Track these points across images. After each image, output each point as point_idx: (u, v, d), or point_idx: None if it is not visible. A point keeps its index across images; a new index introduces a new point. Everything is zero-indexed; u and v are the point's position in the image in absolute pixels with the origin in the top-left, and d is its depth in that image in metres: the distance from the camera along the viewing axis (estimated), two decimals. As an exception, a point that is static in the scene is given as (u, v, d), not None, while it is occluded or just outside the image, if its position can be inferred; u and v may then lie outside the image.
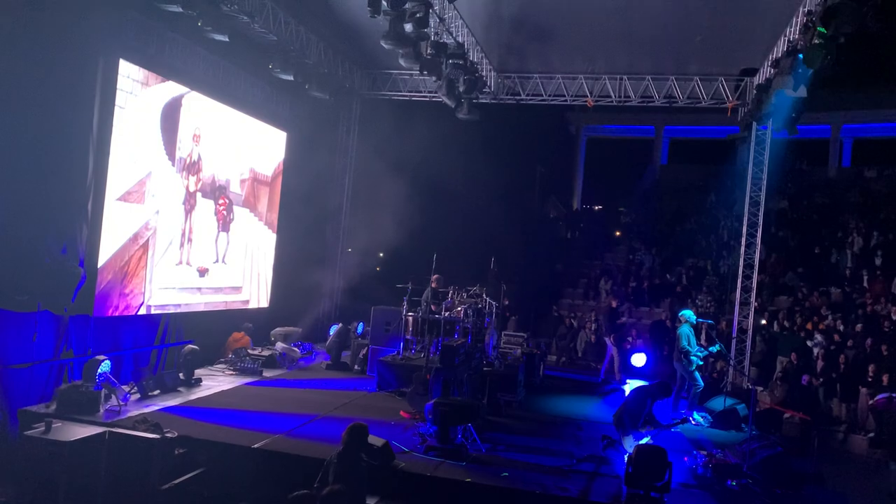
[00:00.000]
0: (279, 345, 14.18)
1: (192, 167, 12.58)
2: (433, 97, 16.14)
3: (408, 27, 11.31)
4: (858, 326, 15.77)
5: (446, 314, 12.55)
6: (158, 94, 11.54)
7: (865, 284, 18.60)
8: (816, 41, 9.88)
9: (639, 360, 16.05)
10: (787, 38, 11.95)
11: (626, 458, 8.29)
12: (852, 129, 28.33)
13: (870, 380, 13.18)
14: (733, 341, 15.20)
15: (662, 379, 11.22)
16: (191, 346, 11.87)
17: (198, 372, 11.84)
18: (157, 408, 9.78)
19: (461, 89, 14.48)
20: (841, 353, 14.39)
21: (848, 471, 10.77)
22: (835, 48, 9.85)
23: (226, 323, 13.87)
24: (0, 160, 8.80)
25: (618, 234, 26.81)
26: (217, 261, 13.58)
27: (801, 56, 10.58)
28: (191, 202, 12.61)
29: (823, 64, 10.13)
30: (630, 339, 17.81)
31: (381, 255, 21.22)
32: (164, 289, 11.99)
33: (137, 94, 10.96)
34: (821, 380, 13.80)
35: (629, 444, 8.99)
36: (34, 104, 9.15)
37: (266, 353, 13.68)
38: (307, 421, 9.90)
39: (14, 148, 8.93)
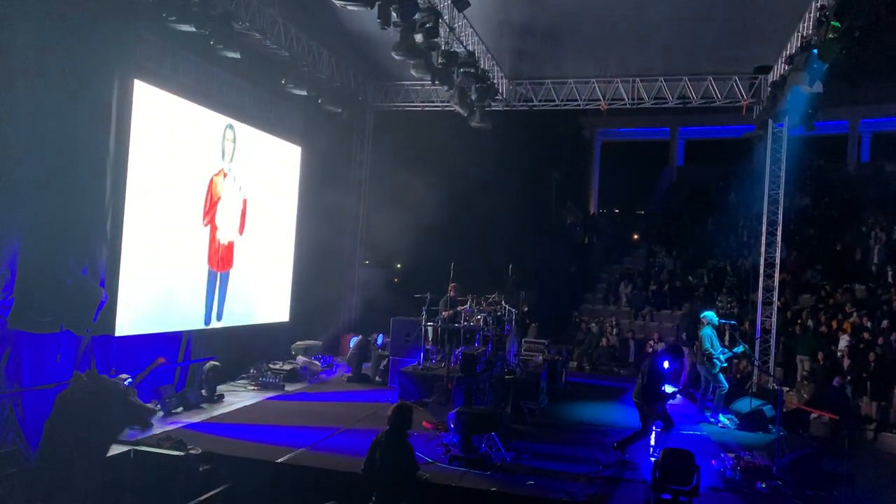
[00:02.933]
0: (300, 358, 14.23)
1: (209, 184, 12.65)
2: (446, 107, 16.16)
3: (418, 38, 11.34)
4: (885, 323, 15.54)
5: (466, 323, 12.52)
6: (174, 113, 11.62)
7: (890, 280, 18.33)
8: (831, 35, 9.79)
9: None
10: (800, 34, 11.86)
11: (652, 462, 8.20)
12: (870, 124, 28.01)
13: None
14: (757, 341, 15.03)
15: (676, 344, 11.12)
16: (212, 362, 11.92)
17: (220, 388, 11.89)
18: (180, 425, 9.83)
19: (473, 98, 14.48)
20: (870, 350, 14.17)
21: (880, 470, 10.57)
22: (850, 42, 9.75)
23: (246, 339, 13.91)
24: (20, 183, 8.89)
25: (636, 237, 26.65)
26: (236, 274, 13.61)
27: (815, 51, 10.48)
28: (209, 219, 12.67)
29: (838, 58, 10.03)
30: (652, 342, 17.67)
31: (399, 266, 21.25)
32: (185, 306, 12.03)
33: (153, 113, 11.05)
34: (848, 378, 13.59)
35: (658, 410, 9.35)
36: (51, 127, 9.23)
37: (287, 367, 13.71)
38: (330, 434, 9.89)
39: (33, 171, 9.01)
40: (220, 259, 13.05)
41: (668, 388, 9.59)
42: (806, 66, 11.06)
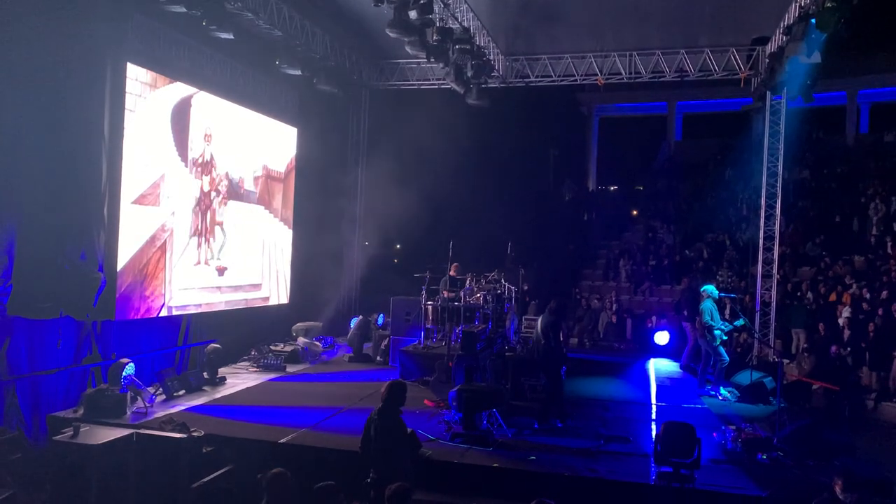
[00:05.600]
0: (301, 340, 14.25)
1: (204, 167, 12.60)
2: (442, 84, 16.05)
3: (412, 14, 11.24)
4: (884, 293, 15.55)
5: (466, 300, 12.51)
6: (167, 96, 11.56)
7: (889, 251, 18.33)
8: (829, 4, 9.71)
9: (662, 338, 15.94)
10: (798, 4, 11.73)
11: (653, 437, 8.24)
12: (869, 95, 27.84)
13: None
14: (756, 314, 15.04)
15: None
16: (214, 345, 11.94)
17: (221, 370, 11.92)
18: (182, 408, 9.84)
19: (469, 75, 14.39)
20: (869, 321, 14.20)
21: (881, 439, 10.62)
22: (848, 10, 9.66)
23: (247, 321, 13.93)
24: (15, 170, 8.85)
25: (635, 213, 26.60)
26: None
27: (813, 21, 10.39)
28: (206, 202, 12.64)
29: (837, 27, 9.95)
30: (653, 317, 17.71)
31: (398, 246, 21.22)
32: (183, 289, 12.04)
33: (147, 96, 10.98)
34: (848, 349, 13.64)
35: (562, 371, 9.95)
36: (45, 112, 9.19)
37: (288, 348, 13.73)
38: (332, 414, 9.92)
39: (28, 157, 8.98)
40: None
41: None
42: (804, 37, 10.96)
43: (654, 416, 10.78)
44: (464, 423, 8.89)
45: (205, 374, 11.42)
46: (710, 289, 12.47)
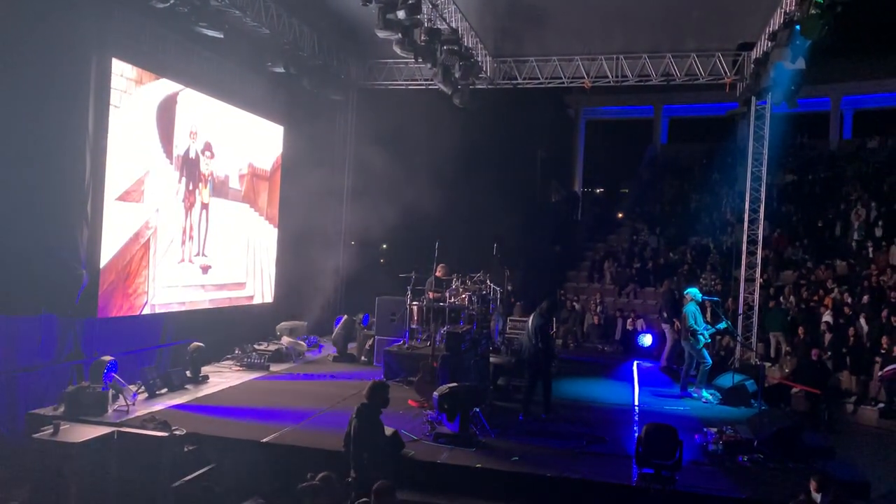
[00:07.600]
0: (285, 339, 14.20)
1: (189, 164, 12.53)
2: (430, 85, 16.04)
3: (400, 14, 11.23)
4: (865, 298, 15.70)
5: (451, 301, 12.52)
6: (153, 92, 11.48)
7: (871, 256, 18.52)
8: (813, 11, 9.81)
9: (645, 340, 16.03)
10: (783, 10, 11.85)
11: (636, 438, 8.28)
12: (852, 101, 28.15)
13: (882, 351, 13.12)
14: (739, 318, 15.15)
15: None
16: (196, 343, 11.84)
17: (204, 369, 11.83)
18: (164, 406, 9.77)
19: (457, 75, 14.40)
20: (850, 325, 14.33)
21: (859, 442, 10.74)
22: (832, 18, 9.77)
23: (231, 319, 13.86)
24: (-3, 165, 8.78)
25: (620, 215, 26.73)
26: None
27: (798, 27, 10.50)
28: (190, 199, 12.57)
29: (821, 34, 10.05)
30: (635, 320, 17.81)
31: (384, 246, 21.17)
32: (167, 287, 11.97)
33: (132, 92, 10.91)
34: (829, 353, 13.76)
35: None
36: (28, 107, 9.11)
37: (273, 347, 13.68)
38: (316, 413, 9.90)
39: (10, 152, 8.90)
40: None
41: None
42: (789, 43, 11.07)
43: (636, 418, 10.83)
44: (447, 423, 8.90)
45: (188, 373, 11.34)
46: (693, 292, 12.56)
